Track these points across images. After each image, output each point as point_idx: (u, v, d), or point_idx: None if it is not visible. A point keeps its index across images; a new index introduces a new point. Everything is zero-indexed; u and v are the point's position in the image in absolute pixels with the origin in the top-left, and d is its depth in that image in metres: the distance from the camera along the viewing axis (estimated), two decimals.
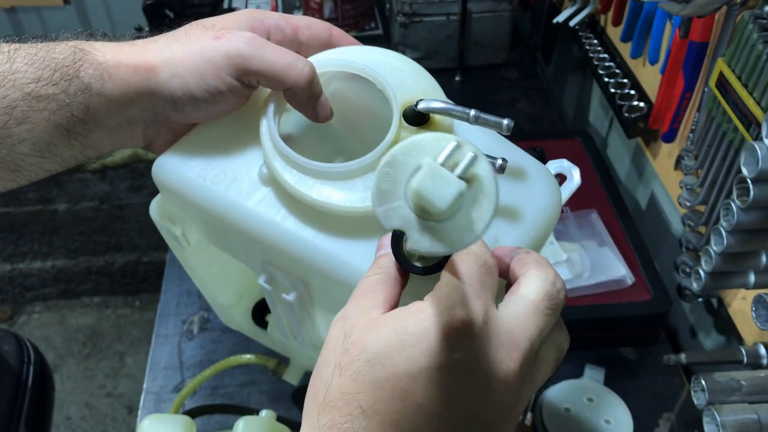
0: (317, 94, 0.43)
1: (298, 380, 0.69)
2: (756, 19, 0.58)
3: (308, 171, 0.41)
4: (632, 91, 0.89)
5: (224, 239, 0.49)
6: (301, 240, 0.41)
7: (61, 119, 0.39)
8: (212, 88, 0.42)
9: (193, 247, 0.52)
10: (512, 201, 0.43)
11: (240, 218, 0.43)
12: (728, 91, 0.62)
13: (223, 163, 0.44)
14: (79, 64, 0.39)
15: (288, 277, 0.45)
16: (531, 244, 0.43)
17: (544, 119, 1.16)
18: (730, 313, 0.72)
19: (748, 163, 0.54)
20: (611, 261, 0.79)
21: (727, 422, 0.55)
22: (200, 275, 0.58)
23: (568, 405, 0.71)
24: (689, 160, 0.73)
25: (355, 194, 0.40)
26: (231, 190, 0.43)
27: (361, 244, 0.41)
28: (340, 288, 0.41)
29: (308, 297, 0.47)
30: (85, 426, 1.64)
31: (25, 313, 1.89)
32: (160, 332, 0.82)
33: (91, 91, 0.40)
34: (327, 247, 0.41)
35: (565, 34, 1.13)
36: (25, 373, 0.94)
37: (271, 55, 0.41)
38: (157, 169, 0.46)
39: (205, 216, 0.45)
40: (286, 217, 0.42)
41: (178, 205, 0.48)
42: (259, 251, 0.45)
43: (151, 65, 0.41)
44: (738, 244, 0.60)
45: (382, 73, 0.43)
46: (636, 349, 0.79)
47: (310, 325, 0.53)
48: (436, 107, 0.42)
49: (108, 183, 1.74)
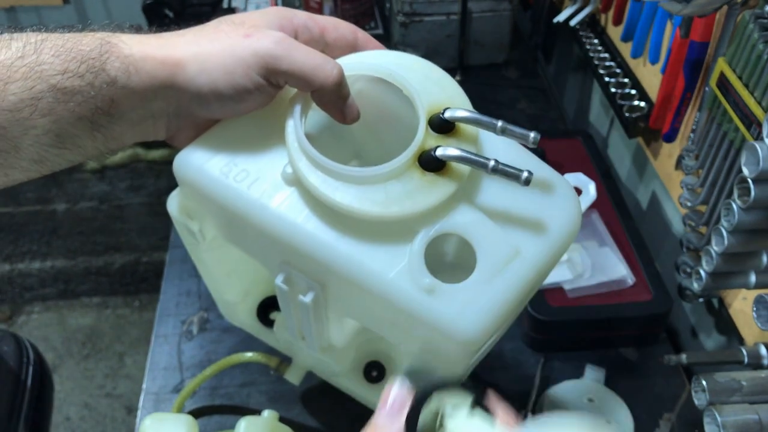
0: (345, 95, 0.43)
1: (299, 380, 0.69)
2: (757, 18, 0.58)
3: (333, 173, 0.41)
4: (633, 91, 0.89)
5: (243, 237, 0.48)
6: (322, 242, 0.41)
7: (85, 112, 0.39)
8: (240, 86, 0.41)
9: (208, 243, 0.52)
10: (536, 213, 0.43)
11: (261, 218, 0.42)
12: (729, 90, 0.62)
13: (246, 160, 0.44)
14: (105, 57, 0.39)
15: (306, 278, 0.44)
16: (552, 256, 0.43)
17: (545, 119, 1.16)
18: (731, 314, 0.72)
19: (749, 162, 0.54)
20: (612, 261, 0.79)
21: (728, 423, 0.54)
22: (211, 272, 0.58)
23: (569, 405, 0.71)
24: (690, 160, 0.73)
25: (378, 199, 0.40)
26: (253, 189, 0.43)
27: (382, 249, 0.41)
28: (359, 291, 0.41)
29: (324, 299, 0.46)
30: (84, 426, 1.64)
31: (24, 313, 1.89)
32: (159, 332, 0.81)
33: (117, 84, 0.40)
34: (348, 250, 0.41)
35: (566, 34, 1.13)
36: (25, 374, 0.93)
37: (300, 56, 0.41)
38: (178, 163, 0.45)
39: (225, 213, 0.45)
40: (309, 218, 0.42)
41: (198, 201, 0.48)
42: (279, 251, 0.44)
43: (178, 60, 0.41)
44: (739, 244, 0.60)
45: (409, 79, 0.43)
46: (636, 350, 0.79)
47: (321, 329, 0.52)
48: (464, 116, 0.42)
49: (107, 183, 1.74)
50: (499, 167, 0.40)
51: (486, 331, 0.40)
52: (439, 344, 0.42)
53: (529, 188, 0.42)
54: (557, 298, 0.76)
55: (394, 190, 0.40)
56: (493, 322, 0.40)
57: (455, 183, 0.41)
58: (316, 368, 0.67)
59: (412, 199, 0.40)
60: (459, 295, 0.40)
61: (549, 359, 0.77)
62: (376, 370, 0.66)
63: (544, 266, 0.42)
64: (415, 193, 0.40)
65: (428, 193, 0.40)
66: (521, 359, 0.78)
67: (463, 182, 0.41)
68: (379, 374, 0.66)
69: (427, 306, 0.40)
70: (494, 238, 0.41)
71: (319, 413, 0.73)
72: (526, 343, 0.79)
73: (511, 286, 0.40)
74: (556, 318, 0.75)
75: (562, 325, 0.76)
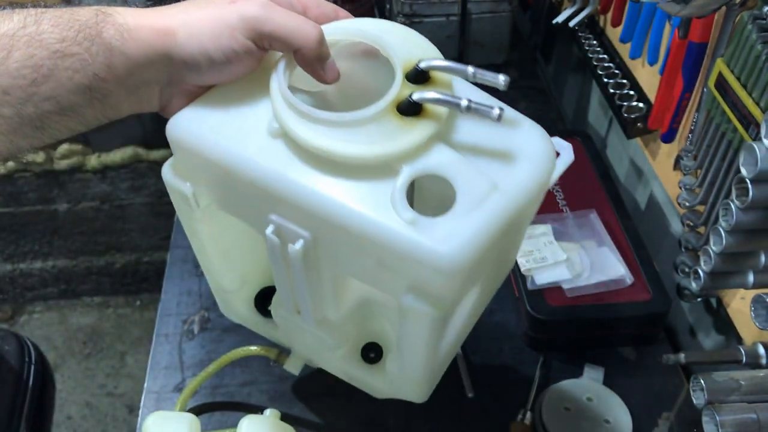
0: (325, 55, 0.46)
1: (298, 370, 0.69)
2: (755, 19, 0.58)
3: (315, 120, 0.43)
4: (631, 92, 0.89)
5: (234, 197, 0.50)
6: (308, 189, 0.43)
7: (83, 78, 0.41)
8: (227, 48, 0.44)
9: (202, 211, 0.53)
10: (510, 149, 0.46)
11: (250, 171, 0.45)
12: (727, 91, 0.62)
13: (236, 120, 0.46)
14: (101, 26, 0.42)
15: (295, 226, 0.46)
16: (529, 190, 0.45)
17: (544, 119, 1.15)
18: (729, 313, 0.72)
19: (747, 163, 0.54)
20: (610, 261, 0.79)
21: (726, 422, 0.55)
22: (207, 250, 0.59)
23: (568, 404, 0.71)
24: (688, 160, 0.73)
25: (360, 142, 0.42)
26: (242, 144, 0.45)
27: (365, 191, 0.43)
28: (346, 235, 0.43)
29: (314, 251, 0.48)
30: (85, 425, 1.65)
31: (26, 312, 1.90)
32: (160, 332, 0.82)
33: (113, 51, 0.42)
34: (333, 194, 0.43)
35: (565, 35, 1.13)
36: (26, 373, 0.94)
37: (282, 18, 0.44)
38: (171, 126, 0.48)
39: (216, 171, 0.47)
40: (295, 167, 0.44)
41: (190, 163, 0.50)
42: (268, 204, 0.46)
43: (169, 27, 0.44)
44: (737, 244, 0.60)
45: (386, 39, 0.46)
46: (635, 349, 0.79)
47: (315, 295, 0.53)
48: (437, 64, 0.44)
49: (108, 183, 1.74)
50: (471, 105, 0.42)
51: (469, 259, 0.41)
52: (425, 279, 0.43)
53: (503, 128, 0.46)
54: (556, 298, 0.76)
55: (374, 133, 0.43)
56: (474, 252, 0.41)
57: (433, 124, 0.43)
58: (315, 357, 0.68)
59: (393, 140, 0.43)
60: (440, 227, 0.41)
61: (548, 358, 0.77)
62: (373, 352, 0.67)
63: (523, 200, 0.44)
64: (395, 135, 0.43)
65: (408, 135, 0.43)
66: (520, 358, 0.78)
67: (441, 123, 0.44)
68: (376, 355, 0.66)
69: (410, 238, 0.41)
70: (472, 174, 0.43)
71: (320, 412, 0.73)
72: (525, 342, 0.79)
73: (491, 218, 0.42)
74: (555, 317, 0.75)
75: (561, 325, 0.76)
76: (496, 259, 0.49)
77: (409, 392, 0.61)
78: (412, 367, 0.55)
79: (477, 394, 0.74)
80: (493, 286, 0.62)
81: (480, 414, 0.73)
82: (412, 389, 0.61)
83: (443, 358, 0.60)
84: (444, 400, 0.74)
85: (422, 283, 0.44)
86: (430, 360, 0.53)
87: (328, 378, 0.70)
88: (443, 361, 0.61)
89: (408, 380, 0.59)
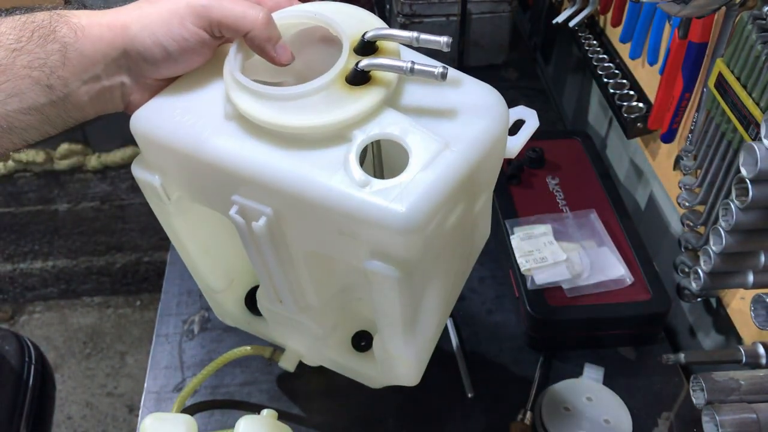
0: (275, 37, 0.47)
1: (294, 366, 0.69)
2: (755, 19, 0.58)
3: (267, 96, 0.45)
4: (631, 92, 0.89)
5: (199, 184, 0.51)
6: (263, 164, 0.45)
7: (41, 75, 0.43)
8: (178, 36, 0.46)
9: (174, 205, 0.54)
10: (456, 105, 0.47)
11: (208, 153, 0.46)
12: (727, 91, 0.62)
13: (194, 108, 0.48)
14: (55, 26, 0.44)
15: (256, 204, 0.47)
16: (482, 144, 0.46)
17: (544, 119, 1.16)
18: (729, 313, 0.72)
19: (747, 163, 0.54)
20: (610, 261, 0.79)
21: (726, 422, 0.55)
22: (185, 246, 0.59)
23: (568, 404, 0.71)
24: (688, 160, 0.73)
25: (311, 113, 0.44)
26: (200, 129, 0.47)
27: (320, 161, 0.44)
28: (306, 207, 0.44)
29: (279, 228, 0.49)
30: (86, 425, 1.65)
31: (26, 312, 1.90)
32: (160, 332, 0.82)
33: (67, 48, 0.44)
34: (288, 166, 0.44)
35: (565, 35, 1.14)
36: (26, 373, 0.94)
37: (229, 4, 0.46)
38: (134, 120, 0.49)
39: (179, 159, 0.48)
40: (250, 144, 0.45)
41: (156, 155, 0.51)
42: (230, 186, 0.47)
43: (123, 23, 0.46)
44: (737, 244, 0.60)
45: (334, 18, 0.47)
46: (635, 349, 0.79)
47: (290, 274, 0.54)
48: (381, 33, 0.46)
49: (108, 183, 1.74)
50: (415, 67, 0.44)
51: (423, 216, 0.42)
52: (385, 241, 0.44)
53: (451, 89, 0.48)
54: (556, 298, 0.76)
55: (324, 103, 0.44)
56: (429, 208, 0.42)
57: (382, 90, 0.45)
58: (307, 350, 0.68)
59: (342, 108, 0.44)
60: (393, 188, 0.42)
61: (548, 358, 0.77)
62: (364, 340, 0.67)
63: (475, 155, 0.45)
64: (344, 103, 0.44)
65: (357, 102, 0.44)
66: (520, 358, 0.78)
67: (389, 89, 0.45)
68: (367, 344, 0.67)
69: (364, 201, 0.42)
70: (422, 135, 0.44)
71: (319, 411, 0.73)
72: (525, 342, 0.79)
73: (443, 175, 0.43)
74: (555, 317, 0.75)
75: (560, 325, 0.76)
76: (463, 225, 0.49)
77: (399, 375, 0.62)
78: (393, 342, 0.55)
79: (477, 394, 0.74)
80: (469, 257, 0.62)
81: (480, 414, 0.73)
82: (401, 371, 0.61)
83: (426, 335, 0.59)
84: (444, 400, 0.74)
85: (383, 246, 0.44)
86: (408, 330, 0.53)
87: (328, 378, 0.70)
88: (427, 339, 0.60)
89: (394, 360, 0.59)
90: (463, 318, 0.82)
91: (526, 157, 0.94)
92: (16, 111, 0.43)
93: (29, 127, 0.45)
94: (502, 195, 0.90)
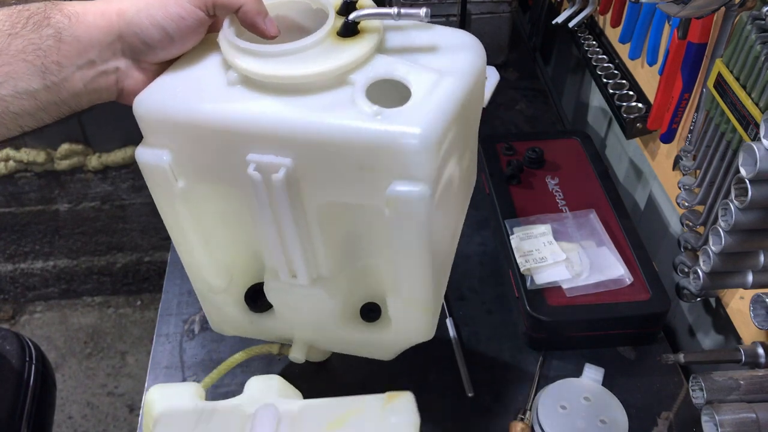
0: (264, 11, 0.50)
1: (304, 355, 0.68)
2: (754, 20, 0.58)
3: (267, 54, 0.48)
4: (631, 92, 0.90)
5: (210, 156, 0.52)
6: (278, 116, 0.47)
7: (35, 60, 0.44)
8: (176, 15, 0.48)
9: (180, 190, 0.55)
10: (441, 45, 0.53)
11: (220, 118, 0.48)
12: (726, 91, 0.62)
13: (197, 83, 0.50)
14: (49, 13, 0.45)
15: (274, 157, 0.49)
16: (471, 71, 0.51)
17: (543, 120, 1.17)
18: (729, 313, 0.72)
19: (746, 163, 0.55)
20: (610, 261, 0.79)
21: (726, 421, 0.55)
22: (187, 235, 0.59)
23: (565, 403, 0.71)
24: (687, 160, 0.74)
25: (312, 63, 0.48)
26: (208, 99, 0.49)
27: (330, 104, 0.47)
28: (326, 150, 0.47)
29: (296, 182, 0.50)
30: (86, 425, 1.65)
31: (27, 312, 1.90)
32: (161, 331, 0.82)
33: (62, 33, 0.45)
34: (302, 115, 0.47)
35: (564, 35, 1.14)
36: (27, 373, 0.94)
37: None
38: (138, 102, 0.50)
39: (188, 133, 0.50)
40: (261, 101, 0.48)
41: (162, 135, 0.52)
42: (243, 147, 0.49)
43: (117, 8, 0.47)
44: (736, 244, 0.60)
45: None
46: (634, 349, 0.79)
47: (304, 236, 0.55)
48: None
49: (109, 183, 1.74)
50: (401, 12, 0.49)
51: (438, 130, 0.46)
52: (405, 163, 0.46)
53: (433, 33, 0.54)
54: (556, 298, 0.76)
55: (322, 54, 0.48)
56: (441, 124, 0.47)
57: (374, 36, 0.50)
58: (316, 332, 0.67)
59: (340, 55, 0.48)
60: (405, 113, 0.46)
61: (547, 358, 0.77)
62: (372, 312, 0.67)
63: (468, 80, 0.51)
64: (341, 52, 0.48)
65: (352, 49, 0.49)
66: (520, 358, 0.78)
67: (380, 36, 0.51)
68: (376, 314, 0.67)
69: (382, 129, 0.45)
70: (418, 69, 0.49)
71: None
72: (524, 341, 0.79)
73: (447, 96, 0.48)
74: (555, 317, 0.75)
75: (560, 324, 0.76)
76: (461, 142, 0.54)
77: (415, 331, 0.62)
78: (413, 282, 0.56)
79: (477, 394, 0.74)
80: (465, 195, 0.66)
81: (480, 414, 0.73)
82: (417, 325, 0.61)
83: (437, 281, 0.60)
84: (444, 400, 0.74)
85: (403, 170, 0.47)
86: (428, 262, 0.54)
87: (331, 376, 0.70)
88: (438, 286, 0.61)
89: (411, 312, 0.59)
90: (463, 318, 0.83)
91: (525, 157, 0.94)
92: (11, 95, 0.44)
93: (24, 113, 0.45)
94: (502, 195, 0.90)
